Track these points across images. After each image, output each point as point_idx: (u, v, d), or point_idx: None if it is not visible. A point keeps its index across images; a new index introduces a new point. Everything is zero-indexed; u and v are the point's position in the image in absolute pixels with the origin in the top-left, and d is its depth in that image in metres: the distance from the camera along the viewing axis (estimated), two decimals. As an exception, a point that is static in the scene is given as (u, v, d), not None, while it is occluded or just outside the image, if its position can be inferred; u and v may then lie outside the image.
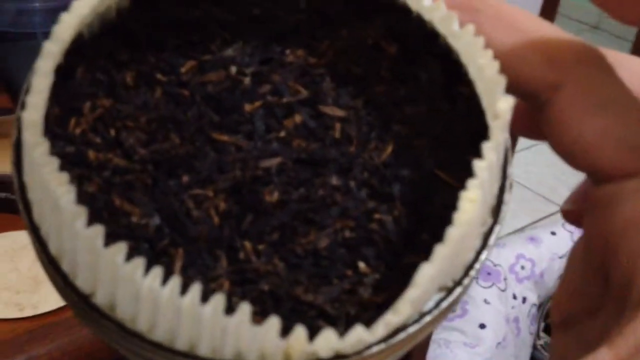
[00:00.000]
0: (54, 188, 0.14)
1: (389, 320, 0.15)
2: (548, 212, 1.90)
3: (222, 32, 0.20)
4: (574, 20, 2.86)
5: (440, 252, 0.15)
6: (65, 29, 0.17)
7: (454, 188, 0.17)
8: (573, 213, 0.22)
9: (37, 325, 0.56)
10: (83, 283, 0.15)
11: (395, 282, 0.16)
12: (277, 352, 0.14)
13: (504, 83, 0.16)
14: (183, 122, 0.18)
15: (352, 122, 0.19)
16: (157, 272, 0.14)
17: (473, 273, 0.16)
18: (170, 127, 0.18)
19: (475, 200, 0.15)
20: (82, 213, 0.14)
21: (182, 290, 0.14)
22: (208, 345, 0.14)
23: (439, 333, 1.23)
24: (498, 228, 0.17)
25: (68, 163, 0.17)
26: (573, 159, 0.18)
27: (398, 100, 0.19)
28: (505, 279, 1.31)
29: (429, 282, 0.15)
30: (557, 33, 0.18)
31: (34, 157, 0.15)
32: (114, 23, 0.19)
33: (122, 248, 0.14)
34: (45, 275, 0.16)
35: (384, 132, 0.19)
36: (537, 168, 2.01)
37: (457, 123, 0.19)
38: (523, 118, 0.20)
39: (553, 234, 1.38)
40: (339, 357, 0.15)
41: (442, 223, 0.15)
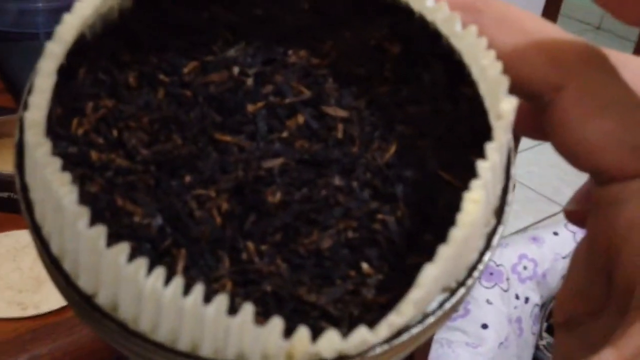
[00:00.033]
0: (56, 188, 0.14)
1: (392, 321, 0.15)
2: (551, 212, 1.90)
3: (224, 32, 0.20)
4: (577, 21, 2.86)
5: (444, 253, 0.15)
6: (68, 30, 0.17)
7: (457, 189, 0.17)
8: (576, 213, 0.22)
9: (39, 325, 0.56)
10: (85, 283, 0.15)
11: (399, 283, 0.16)
12: (279, 352, 0.14)
13: (507, 84, 0.16)
14: (185, 122, 0.18)
15: (354, 122, 0.19)
16: (159, 272, 0.14)
17: (476, 274, 0.16)
18: (173, 127, 0.18)
19: (479, 201, 0.15)
20: (84, 213, 0.14)
21: (184, 291, 0.14)
22: (210, 346, 0.14)
23: (441, 333, 1.23)
24: (501, 229, 0.17)
25: (70, 163, 0.17)
26: (576, 160, 0.18)
27: (401, 101, 0.19)
28: (508, 279, 1.31)
29: (433, 283, 0.15)
30: (559, 34, 0.18)
31: (37, 157, 0.15)
32: (117, 24, 0.19)
33: (124, 248, 0.14)
34: (47, 275, 0.16)
35: (387, 132, 0.18)
36: (539, 168, 2.01)
37: (460, 124, 0.19)
38: (526, 118, 0.20)
39: (556, 234, 1.37)
40: (342, 357, 0.15)
41: (445, 224, 0.15)
